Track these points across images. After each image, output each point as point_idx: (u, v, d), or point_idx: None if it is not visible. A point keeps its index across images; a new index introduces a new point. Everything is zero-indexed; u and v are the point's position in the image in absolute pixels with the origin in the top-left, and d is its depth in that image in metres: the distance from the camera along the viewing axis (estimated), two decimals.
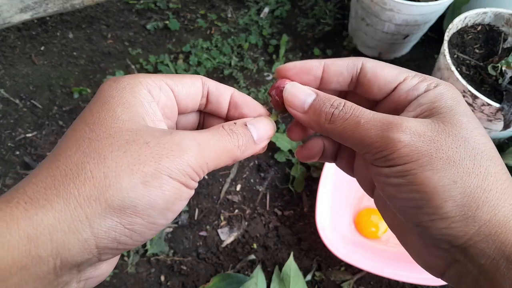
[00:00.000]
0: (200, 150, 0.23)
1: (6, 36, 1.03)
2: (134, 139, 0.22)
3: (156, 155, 0.22)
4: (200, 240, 0.80)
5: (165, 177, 0.22)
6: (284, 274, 0.74)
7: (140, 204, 0.22)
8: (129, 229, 0.22)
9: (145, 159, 0.22)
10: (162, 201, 0.22)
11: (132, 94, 0.24)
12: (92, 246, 0.21)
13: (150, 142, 0.22)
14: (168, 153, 0.22)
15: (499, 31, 0.81)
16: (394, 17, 0.86)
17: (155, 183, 0.22)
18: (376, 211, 0.79)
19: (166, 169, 0.22)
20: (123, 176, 0.21)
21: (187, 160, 0.23)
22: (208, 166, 0.24)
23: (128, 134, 0.23)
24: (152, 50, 1.03)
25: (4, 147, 0.88)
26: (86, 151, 0.22)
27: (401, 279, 0.67)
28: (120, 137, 0.22)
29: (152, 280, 0.77)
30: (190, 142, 0.23)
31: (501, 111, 0.68)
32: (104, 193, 0.21)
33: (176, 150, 0.23)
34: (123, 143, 0.22)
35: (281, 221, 0.82)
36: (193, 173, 0.23)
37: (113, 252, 0.22)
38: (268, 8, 1.11)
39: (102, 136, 0.22)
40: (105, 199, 0.21)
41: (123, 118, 0.23)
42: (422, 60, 1.04)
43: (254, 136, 0.26)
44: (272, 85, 0.29)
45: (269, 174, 0.88)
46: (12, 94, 0.95)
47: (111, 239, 0.21)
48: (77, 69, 1.00)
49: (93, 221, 0.21)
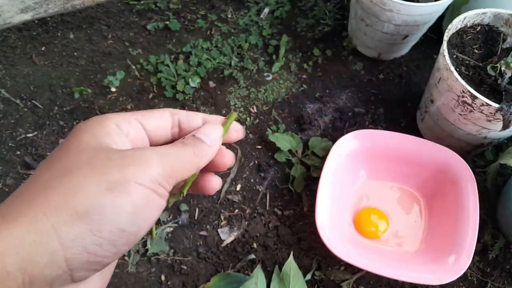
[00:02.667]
0: (162, 160, 0.24)
1: (6, 37, 1.03)
2: (98, 156, 0.23)
3: (120, 166, 0.23)
4: (200, 240, 0.81)
5: (131, 183, 0.23)
6: (284, 274, 0.74)
7: (107, 209, 0.22)
8: (98, 236, 0.22)
9: (109, 170, 0.23)
10: (129, 206, 0.22)
11: (100, 127, 0.25)
12: (61, 258, 0.21)
13: (113, 156, 0.23)
14: (132, 163, 0.23)
15: (499, 31, 0.81)
16: (393, 18, 0.86)
17: (121, 189, 0.22)
18: (376, 211, 0.79)
19: (132, 176, 0.23)
20: (89, 185, 0.22)
21: (152, 169, 0.24)
22: (175, 175, 0.25)
23: (93, 152, 0.24)
24: (152, 51, 1.04)
25: (4, 147, 0.89)
26: (54, 170, 0.23)
27: (400, 278, 0.67)
28: (85, 155, 0.23)
29: (153, 279, 0.77)
30: (152, 154, 0.24)
31: (500, 111, 0.68)
32: (71, 201, 0.21)
33: (139, 160, 0.24)
34: (88, 159, 0.23)
35: (281, 221, 0.83)
36: (161, 180, 0.24)
37: (84, 267, 0.22)
38: (268, 9, 1.11)
39: (69, 155, 0.24)
40: (71, 206, 0.21)
41: (90, 142, 0.24)
42: (422, 61, 1.04)
43: (206, 141, 0.28)
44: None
45: (269, 174, 0.88)
46: (12, 94, 0.95)
47: (80, 248, 0.21)
48: (78, 69, 1.00)
49: (60, 229, 0.21)
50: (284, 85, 1.00)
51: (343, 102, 0.98)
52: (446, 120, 0.80)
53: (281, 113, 0.96)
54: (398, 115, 0.96)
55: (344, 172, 0.79)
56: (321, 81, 1.01)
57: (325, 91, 0.99)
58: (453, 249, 0.69)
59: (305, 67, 1.02)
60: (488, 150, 0.87)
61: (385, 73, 1.02)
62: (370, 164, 0.82)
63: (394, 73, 1.02)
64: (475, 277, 0.77)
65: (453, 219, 0.73)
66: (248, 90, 0.98)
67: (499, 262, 0.78)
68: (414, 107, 0.97)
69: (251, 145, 0.91)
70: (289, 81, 1.00)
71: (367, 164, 0.82)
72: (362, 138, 0.80)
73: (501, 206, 0.79)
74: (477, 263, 0.78)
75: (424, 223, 0.79)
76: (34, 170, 0.85)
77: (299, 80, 1.00)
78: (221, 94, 0.98)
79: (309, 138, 0.91)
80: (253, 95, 0.98)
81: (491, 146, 0.85)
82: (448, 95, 0.74)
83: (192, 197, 0.85)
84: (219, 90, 0.98)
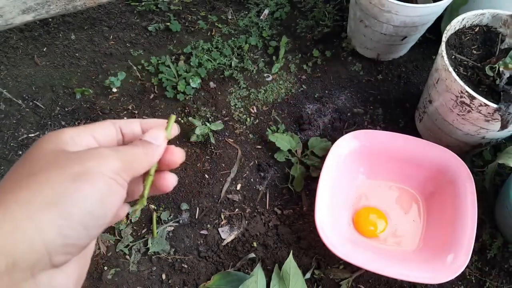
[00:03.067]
0: (119, 155, 0.27)
1: (8, 37, 1.04)
2: (59, 157, 0.26)
3: (81, 161, 0.26)
4: (201, 239, 0.81)
5: (95, 173, 0.25)
6: (283, 272, 0.74)
7: (74, 195, 0.24)
8: (70, 219, 0.24)
9: (71, 165, 0.25)
10: (96, 192, 0.25)
11: (57, 138, 0.28)
12: (39, 242, 0.23)
13: (72, 156, 0.26)
14: (92, 158, 0.26)
15: (497, 32, 0.82)
16: (392, 19, 0.87)
17: (86, 178, 0.25)
18: (375, 210, 0.80)
19: (93, 168, 0.26)
20: (54, 179, 0.24)
21: (111, 162, 0.27)
22: (131, 169, 0.28)
23: (54, 155, 0.26)
24: (153, 51, 1.04)
25: (7, 147, 0.89)
26: (20, 173, 0.26)
27: (399, 277, 0.68)
28: (47, 158, 0.26)
29: (154, 278, 0.77)
30: (109, 151, 0.27)
31: (499, 111, 0.69)
32: (39, 193, 0.24)
33: (98, 155, 0.27)
34: (51, 161, 0.26)
35: (280, 220, 0.83)
36: (120, 172, 0.27)
37: (62, 251, 0.24)
38: (268, 10, 1.12)
39: (32, 160, 0.26)
40: (40, 197, 0.24)
41: (50, 149, 0.27)
42: (420, 61, 1.05)
43: (153, 142, 0.31)
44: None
45: (269, 174, 0.89)
46: (14, 94, 0.96)
47: (56, 232, 0.23)
48: (79, 70, 1.01)
49: (35, 216, 0.23)
50: (284, 85, 1.00)
51: (342, 102, 0.98)
52: (444, 120, 0.80)
53: (280, 113, 0.96)
54: (397, 115, 0.97)
55: (343, 172, 0.80)
56: (321, 82, 1.01)
57: (324, 91, 1.00)
58: (451, 248, 0.70)
59: (305, 68, 1.03)
60: (486, 150, 0.87)
61: (384, 74, 1.03)
62: (369, 164, 0.83)
63: (393, 74, 1.03)
64: (473, 276, 0.78)
65: (451, 218, 0.74)
66: (248, 90, 0.99)
67: (497, 261, 0.79)
68: (413, 107, 0.97)
69: (251, 145, 0.92)
70: (289, 81, 1.01)
71: (366, 164, 0.83)
72: (361, 138, 0.81)
73: (499, 206, 0.79)
74: (475, 262, 0.79)
75: (423, 222, 0.80)
76: None
77: (299, 81, 1.01)
78: (222, 95, 0.98)
79: (308, 138, 0.92)
80: (253, 96, 0.98)
81: (489, 146, 0.85)
82: (447, 95, 0.75)
83: (192, 197, 0.85)
84: (220, 90, 0.99)
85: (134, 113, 0.95)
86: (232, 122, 0.95)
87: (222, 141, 0.92)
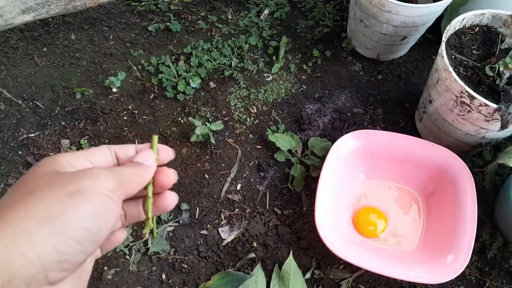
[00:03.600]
0: (113, 174, 0.28)
1: (8, 37, 1.04)
2: (54, 177, 0.27)
3: (76, 179, 0.26)
4: (201, 239, 0.81)
5: (89, 191, 0.26)
6: (283, 272, 0.74)
7: (69, 211, 0.25)
8: (65, 235, 0.24)
9: (67, 183, 0.26)
10: (90, 209, 0.26)
11: (53, 161, 0.29)
12: (34, 258, 0.23)
13: (67, 175, 0.27)
14: (87, 177, 0.27)
15: (497, 32, 0.82)
16: (392, 19, 0.87)
17: (81, 196, 0.26)
18: (375, 210, 0.80)
19: (88, 186, 0.26)
20: (49, 197, 0.25)
21: (106, 181, 0.28)
22: (125, 188, 0.29)
23: (50, 176, 0.27)
24: (153, 51, 1.04)
25: (7, 147, 0.89)
26: (17, 193, 0.26)
27: (399, 277, 0.68)
28: (43, 179, 0.27)
29: (154, 278, 0.77)
30: (104, 170, 0.28)
31: (499, 111, 0.69)
32: (34, 211, 0.24)
33: (93, 174, 0.27)
34: (47, 181, 0.26)
35: (280, 220, 0.83)
36: (114, 190, 0.28)
37: (57, 267, 0.24)
38: (268, 10, 1.12)
39: (29, 181, 0.27)
40: (36, 214, 0.24)
41: (46, 171, 0.28)
42: (420, 61, 1.05)
43: (144, 163, 0.32)
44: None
45: (269, 174, 0.89)
46: (14, 94, 0.96)
47: (51, 248, 0.24)
48: (79, 70, 1.01)
49: (30, 232, 0.23)
50: (284, 85, 1.00)
51: (342, 102, 0.98)
52: (444, 120, 0.80)
53: (280, 113, 0.96)
54: (397, 115, 0.97)
55: (343, 172, 0.80)
56: (321, 82, 1.01)
57: (324, 91, 1.00)
58: (451, 248, 0.70)
59: (305, 68, 1.03)
60: (486, 150, 0.87)
61: (384, 74, 1.03)
62: (369, 164, 0.83)
63: (393, 74, 1.03)
64: (473, 276, 0.78)
65: (451, 218, 0.74)
66: (248, 90, 0.99)
67: (497, 261, 0.79)
68: (413, 107, 0.97)
69: (251, 145, 0.92)
70: (289, 81, 1.01)
71: (366, 164, 0.83)
72: (361, 138, 0.81)
73: (499, 206, 0.79)
74: (475, 262, 0.79)
75: (423, 222, 0.80)
76: None
77: (299, 81, 1.01)
78: (222, 95, 0.98)
79: (308, 138, 0.92)
80: (253, 96, 0.98)
81: (489, 146, 0.85)
82: (447, 95, 0.75)
83: (192, 197, 0.85)
84: (220, 90, 0.99)
85: (134, 113, 0.95)
86: (232, 122, 0.95)
87: (222, 141, 0.92)
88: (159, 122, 0.94)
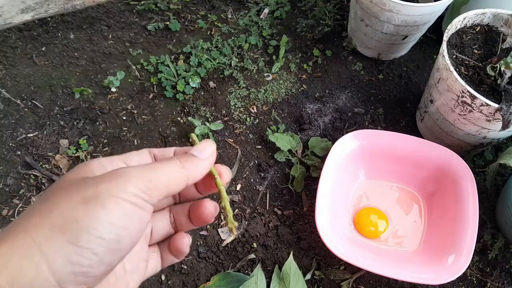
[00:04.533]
0: (143, 174, 0.25)
1: (7, 37, 1.03)
2: (76, 182, 0.25)
3: (95, 183, 0.24)
4: (201, 240, 0.81)
5: (105, 196, 0.23)
6: (284, 273, 0.74)
7: (82, 219, 0.23)
8: (77, 245, 0.22)
9: (84, 188, 0.24)
10: (106, 216, 0.23)
11: (84, 166, 0.27)
12: (46, 270, 0.21)
13: (88, 180, 0.25)
14: (107, 180, 0.24)
15: (498, 31, 0.82)
16: (393, 18, 0.86)
17: (96, 201, 0.23)
18: (375, 211, 0.80)
19: (105, 191, 0.24)
20: (64, 202, 0.23)
21: (128, 183, 0.24)
22: (159, 187, 0.25)
23: (71, 182, 0.25)
24: (152, 51, 1.04)
25: (5, 147, 0.89)
26: (37, 201, 0.25)
27: (400, 278, 0.68)
28: (64, 184, 0.25)
29: (153, 279, 0.77)
30: (132, 170, 0.25)
31: (500, 111, 0.68)
32: (47, 217, 0.23)
33: (115, 177, 0.25)
34: (66, 186, 0.25)
35: (280, 221, 0.83)
36: (138, 193, 0.24)
37: (72, 280, 0.22)
38: (268, 9, 1.12)
39: (51, 189, 0.25)
40: (49, 222, 0.22)
41: (71, 178, 0.26)
42: (421, 61, 1.05)
43: (196, 154, 0.28)
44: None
45: (269, 174, 0.88)
46: (13, 94, 0.95)
47: (63, 259, 0.22)
48: (78, 69, 1.00)
49: (41, 243, 0.22)
50: (284, 85, 1.00)
51: (342, 102, 0.98)
52: (445, 120, 0.80)
53: (281, 113, 0.96)
54: (398, 115, 0.96)
55: (344, 172, 0.80)
56: (321, 81, 1.01)
57: (324, 91, 0.99)
58: (452, 249, 0.69)
59: (305, 67, 1.02)
60: (488, 150, 0.87)
61: (385, 73, 1.03)
62: (369, 164, 0.82)
63: (394, 73, 1.03)
64: (474, 276, 0.78)
65: (452, 218, 0.73)
66: (248, 90, 0.98)
67: (498, 262, 0.78)
68: (414, 107, 0.97)
69: (251, 145, 0.92)
70: (289, 81, 1.00)
71: (366, 164, 0.82)
72: (362, 138, 0.81)
73: (500, 206, 0.79)
74: (476, 263, 0.78)
75: (424, 222, 0.79)
76: (34, 170, 0.86)
77: (299, 80, 1.01)
78: (221, 94, 0.98)
79: (309, 138, 0.91)
80: (253, 95, 0.98)
81: (491, 146, 0.85)
82: (448, 95, 0.75)
83: None
84: (219, 90, 0.98)
85: (133, 113, 0.95)
86: (232, 122, 0.94)
87: (222, 141, 0.92)
88: (158, 122, 0.94)
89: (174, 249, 0.31)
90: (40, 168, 0.86)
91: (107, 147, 0.90)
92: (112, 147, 0.90)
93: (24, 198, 0.83)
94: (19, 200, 0.83)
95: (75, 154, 0.88)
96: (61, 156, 0.88)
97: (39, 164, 0.87)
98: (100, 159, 0.27)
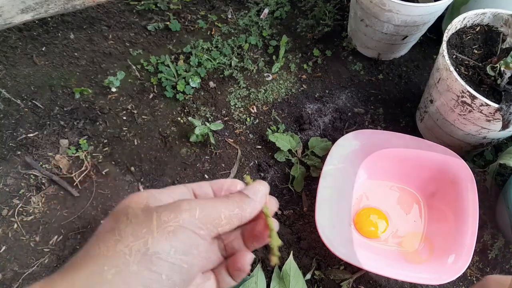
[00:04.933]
0: (201, 208, 0.27)
1: (7, 37, 1.03)
2: (148, 210, 0.27)
3: (166, 211, 0.26)
4: None
5: (175, 226, 0.26)
6: (284, 273, 0.74)
7: (160, 248, 0.25)
8: (154, 271, 0.25)
9: (161, 217, 0.26)
10: (180, 244, 0.26)
11: (137, 195, 0.29)
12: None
13: (157, 209, 0.27)
14: (177, 209, 0.27)
15: (498, 31, 0.82)
16: (393, 18, 0.86)
17: (169, 230, 0.26)
18: (375, 211, 0.80)
19: (173, 221, 0.26)
20: (139, 232, 0.26)
21: (193, 214, 0.27)
22: (213, 223, 0.28)
23: (135, 211, 0.27)
24: (153, 51, 1.04)
25: (5, 147, 0.89)
26: (103, 231, 0.27)
27: (400, 278, 0.68)
28: (127, 213, 0.27)
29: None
30: (193, 203, 0.27)
31: (500, 111, 0.68)
32: (124, 244, 0.25)
33: (176, 207, 0.27)
34: (132, 216, 0.27)
35: (280, 221, 0.83)
36: (200, 225, 0.27)
37: None
38: (268, 9, 1.12)
39: (116, 218, 0.27)
40: (136, 250, 0.25)
41: (133, 206, 0.28)
42: (421, 61, 1.05)
43: (252, 196, 0.30)
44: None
45: (269, 174, 0.88)
46: (13, 94, 0.95)
47: (139, 286, 0.24)
48: (78, 69, 1.00)
49: (120, 269, 0.24)
50: (284, 85, 1.00)
51: (342, 102, 0.98)
52: (445, 120, 0.80)
53: (281, 113, 0.96)
54: (398, 115, 0.96)
55: (344, 172, 0.80)
56: (321, 81, 1.01)
57: (324, 91, 0.99)
58: (452, 249, 0.69)
59: (305, 68, 1.02)
60: (488, 150, 0.87)
61: (385, 74, 1.03)
62: (369, 164, 0.82)
63: (394, 74, 1.03)
64: (474, 276, 0.78)
65: (452, 219, 0.73)
66: (248, 90, 0.98)
67: (498, 262, 0.78)
68: (414, 107, 0.97)
69: (251, 145, 0.92)
70: (289, 81, 1.00)
71: (366, 164, 0.82)
72: (362, 138, 0.81)
73: (500, 206, 0.79)
74: (476, 263, 0.78)
75: (424, 222, 0.79)
76: (34, 170, 0.86)
77: (299, 81, 1.01)
78: (221, 94, 0.98)
79: (308, 138, 0.91)
80: (253, 95, 0.98)
81: (491, 146, 0.85)
82: (448, 95, 0.75)
83: None
84: (219, 90, 0.98)
85: (133, 113, 0.95)
86: (232, 122, 0.94)
87: (222, 141, 0.92)
88: (158, 122, 0.94)
89: (235, 268, 0.32)
90: (40, 168, 0.86)
91: (107, 147, 0.90)
92: (112, 147, 0.90)
93: (24, 198, 0.83)
94: (19, 200, 0.83)
95: (75, 154, 0.89)
96: (61, 156, 0.88)
97: (39, 164, 0.87)
98: (149, 190, 0.30)
